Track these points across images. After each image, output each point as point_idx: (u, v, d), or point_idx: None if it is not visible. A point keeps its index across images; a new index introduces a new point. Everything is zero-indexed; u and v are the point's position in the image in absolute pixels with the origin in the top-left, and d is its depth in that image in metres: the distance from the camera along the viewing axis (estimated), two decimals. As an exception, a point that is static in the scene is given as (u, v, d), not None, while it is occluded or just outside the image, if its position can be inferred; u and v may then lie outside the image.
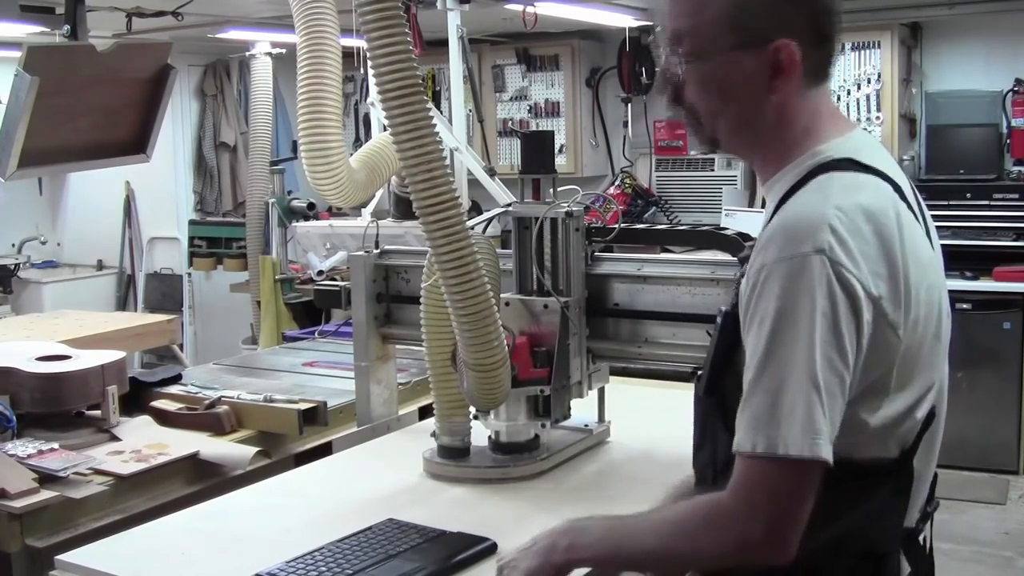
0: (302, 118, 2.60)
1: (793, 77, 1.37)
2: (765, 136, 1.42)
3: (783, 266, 1.27)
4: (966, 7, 5.41)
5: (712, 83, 1.41)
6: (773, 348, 1.27)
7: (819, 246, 1.25)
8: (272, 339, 4.94)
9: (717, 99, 1.41)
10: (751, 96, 1.38)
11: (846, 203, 1.30)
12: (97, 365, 2.56)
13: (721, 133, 1.45)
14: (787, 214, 1.33)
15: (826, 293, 1.25)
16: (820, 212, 1.28)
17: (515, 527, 1.88)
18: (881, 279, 1.28)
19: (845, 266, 1.25)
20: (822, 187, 1.33)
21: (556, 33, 6.32)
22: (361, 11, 1.77)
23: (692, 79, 1.42)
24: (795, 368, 1.25)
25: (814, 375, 1.25)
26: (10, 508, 2.07)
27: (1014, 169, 5.60)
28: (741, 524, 1.29)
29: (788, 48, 1.35)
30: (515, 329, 2.16)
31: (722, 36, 1.37)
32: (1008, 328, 5.24)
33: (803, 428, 1.24)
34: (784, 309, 1.26)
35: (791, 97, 1.39)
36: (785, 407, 1.25)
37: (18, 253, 7.00)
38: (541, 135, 2.31)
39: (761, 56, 1.36)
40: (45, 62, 2.88)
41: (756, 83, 1.37)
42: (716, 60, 1.38)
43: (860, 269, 1.26)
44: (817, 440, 1.24)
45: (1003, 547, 4.45)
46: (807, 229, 1.27)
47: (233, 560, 1.77)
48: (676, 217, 6.47)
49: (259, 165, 5.50)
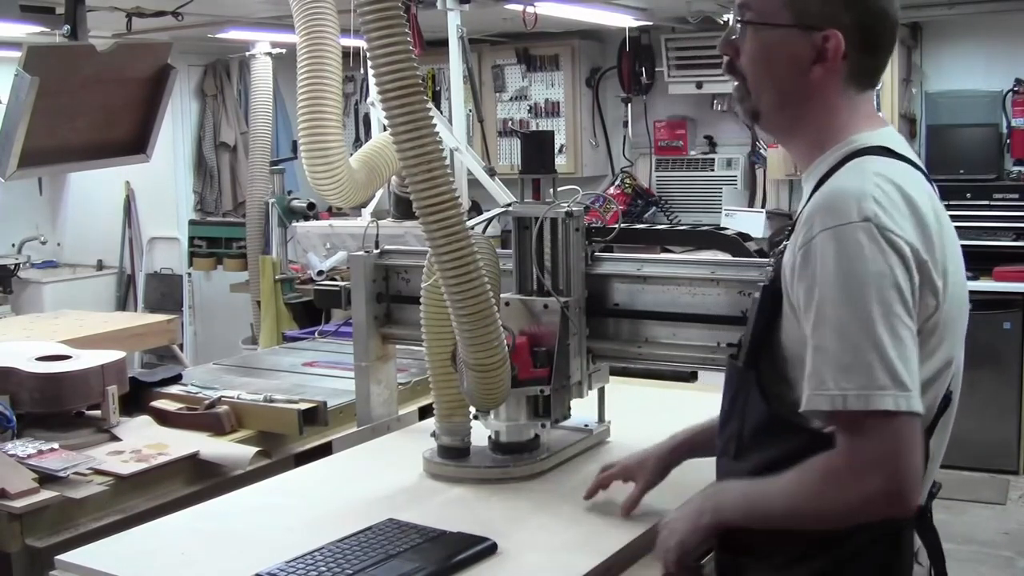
0: (302, 118, 2.60)
1: (834, 68, 1.48)
2: (804, 122, 1.53)
3: (834, 234, 1.35)
4: (966, 7, 5.41)
5: (762, 53, 1.52)
6: (840, 312, 1.34)
7: (865, 214, 1.35)
8: (272, 339, 4.94)
9: (764, 70, 1.52)
10: (792, 74, 1.50)
11: (882, 180, 1.40)
12: (97, 365, 2.56)
13: (764, 106, 1.55)
14: (827, 191, 1.42)
15: (880, 255, 1.34)
16: (859, 185, 1.39)
17: (515, 527, 1.88)
18: (924, 247, 1.38)
19: (892, 230, 1.35)
20: (858, 167, 1.44)
21: (556, 33, 6.32)
22: (361, 11, 1.77)
23: (747, 47, 1.53)
24: (865, 329, 1.32)
25: (884, 332, 1.32)
26: (10, 508, 2.07)
27: (1014, 169, 5.61)
28: (858, 481, 1.34)
29: (836, 38, 1.46)
30: (515, 329, 2.16)
31: (780, 12, 1.49)
32: (1008, 328, 5.25)
33: (878, 384, 1.31)
34: (843, 274, 1.34)
35: (831, 88, 1.50)
36: (862, 365, 1.32)
37: (18, 253, 7.01)
38: (541, 135, 2.30)
39: (810, 39, 1.47)
40: (45, 62, 2.88)
41: (799, 63, 1.49)
42: (770, 33, 1.50)
43: (906, 232, 1.36)
44: (909, 393, 1.32)
45: (1003, 547, 4.45)
46: (850, 201, 1.37)
47: (233, 560, 1.77)
48: (676, 217, 6.47)
49: (259, 165, 5.50)
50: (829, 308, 1.35)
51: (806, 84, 1.49)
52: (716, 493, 1.57)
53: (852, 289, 1.34)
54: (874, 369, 1.32)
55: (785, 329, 1.48)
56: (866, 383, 1.32)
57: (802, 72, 1.49)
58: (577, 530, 1.89)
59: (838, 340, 1.34)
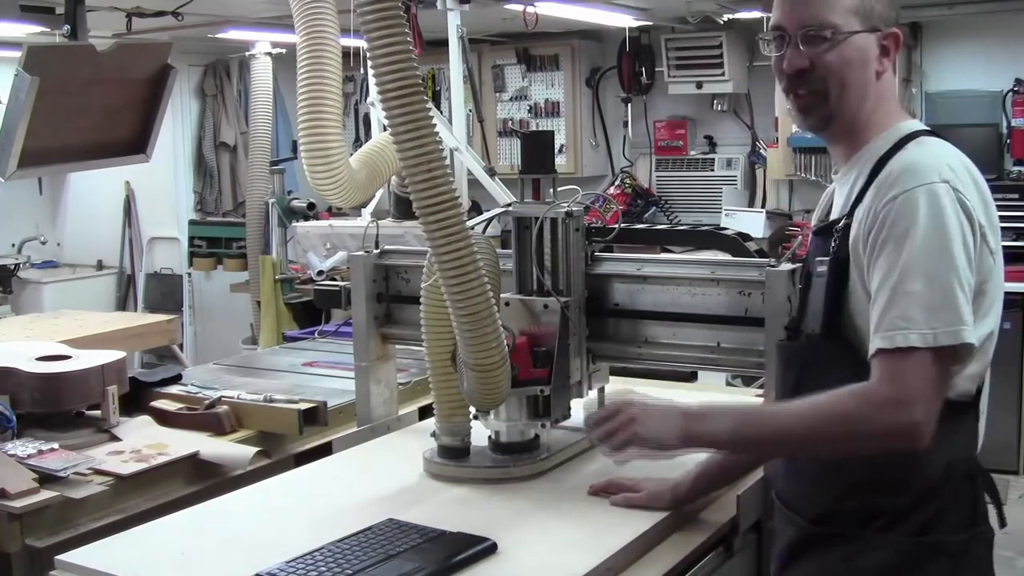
0: (302, 118, 2.60)
1: (893, 62, 1.68)
2: (865, 115, 1.68)
3: (918, 192, 1.52)
4: (966, 7, 5.41)
5: (846, 61, 1.65)
6: (922, 258, 1.49)
7: (944, 177, 1.53)
8: (272, 339, 4.94)
9: (847, 75, 1.65)
10: (868, 73, 1.66)
11: (949, 155, 1.59)
12: (97, 365, 2.56)
13: (846, 109, 1.67)
14: (905, 160, 1.58)
15: (955, 213, 1.51)
16: (934, 156, 1.58)
17: (515, 527, 1.88)
18: (984, 214, 1.56)
19: (963, 194, 1.53)
20: (925, 144, 1.62)
21: (556, 33, 6.32)
22: (361, 11, 1.77)
23: (829, 59, 1.64)
24: (943, 274, 1.49)
25: (958, 279, 1.49)
26: (10, 508, 2.07)
27: (1014, 169, 5.60)
28: (900, 410, 1.48)
29: (896, 35, 1.68)
30: (515, 329, 2.16)
31: (852, 21, 1.64)
32: (1008, 328, 5.24)
33: (962, 320, 1.49)
34: (927, 225, 1.50)
35: (890, 79, 1.70)
36: (949, 304, 1.49)
37: (18, 253, 7.01)
38: (541, 135, 2.31)
39: (876, 40, 1.66)
40: (45, 62, 2.88)
41: (873, 63, 1.66)
42: (849, 41, 1.64)
43: (972, 199, 1.54)
44: (967, 329, 1.50)
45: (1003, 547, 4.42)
46: (929, 167, 1.55)
47: (233, 560, 1.77)
48: (676, 217, 6.47)
49: (259, 165, 5.50)
50: (920, 255, 1.49)
51: (874, 79, 1.67)
52: (702, 411, 1.70)
53: (942, 240, 1.49)
54: (961, 309, 1.49)
55: (853, 300, 1.60)
56: (955, 320, 1.48)
57: (872, 70, 1.66)
58: (577, 530, 1.89)
59: (928, 284, 1.48)
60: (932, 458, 1.55)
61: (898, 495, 1.60)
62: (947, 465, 1.59)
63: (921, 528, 1.59)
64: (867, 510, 1.62)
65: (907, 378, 1.48)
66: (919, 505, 1.59)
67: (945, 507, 1.60)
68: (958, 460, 1.61)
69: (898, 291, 1.50)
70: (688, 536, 1.93)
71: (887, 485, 1.60)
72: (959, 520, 1.62)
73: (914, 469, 1.58)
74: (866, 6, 1.65)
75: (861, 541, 1.62)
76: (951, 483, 1.60)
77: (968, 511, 1.63)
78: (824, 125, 1.70)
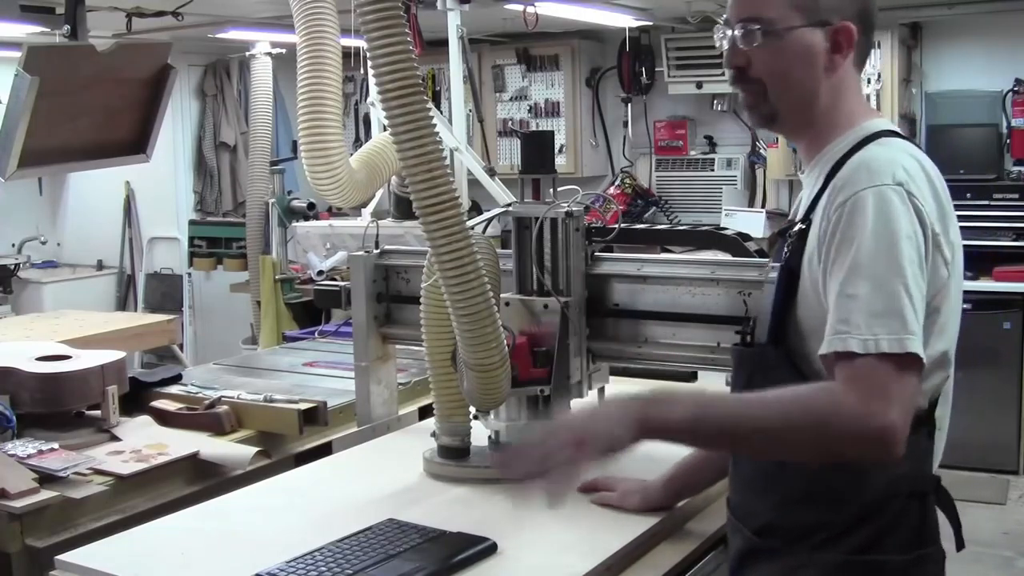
0: (302, 118, 2.60)
1: (847, 57, 1.58)
2: (822, 112, 1.60)
3: (867, 193, 1.44)
4: (966, 7, 5.42)
5: (780, 58, 1.57)
6: (873, 262, 1.41)
7: (897, 179, 1.45)
8: (272, 339, 4.94)
9: (785, 73, 1.58)
10: (809, 72, 1.57)
11: (907, 155, 1.51)
12: (97, 365, 2.56)
13: (785, 107, 1.60)
14: (860, 160, 1.50)
15: (907, 217, 1.43)
16: (891, 157, 1.49)
17: (515, 527, 1.88)
18: (938, 220, 1.47)
19: (917, 198, 1.45)
20: (883, 144, 1.54)
21: (556, 33, 6.32)
22: (361, 11, 1.77)
23: (765, 56, 1.58)
24: (892, 279, 1.40)
25: (908, 286, 1.40)
26: (10, 508, 2.07)
27: (1014, 169, 5.60)
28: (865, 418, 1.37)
29: (848, 29, 1.56)
30: (515, 329, 2.15)
31: (791, 15, 1.55)
32: (1008, 328, 5.25)
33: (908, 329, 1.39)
34: (880, 227, 1.42)
35: (846, 75, 1.59)
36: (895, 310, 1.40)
37: (18, 253, 7.01)
38: (541, 135, 2.30)
39: (821, 34, 1.56)
40: (45, 62, 2.88)
41: (814, 59, 1.57)
42: (787, 37, 1.56)
43: (927, 204, 1.46)
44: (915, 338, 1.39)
45: (1003, 547, 4.45)
46: (884, 167, 1.46)
47: (233, 560, 1.77)
48: (676, 217, 6.47)
49: (259, 165, 5.50)
50: (865, 259, 1.41)
51: (822, 77, 1.57)
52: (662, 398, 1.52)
53: (889, 243, 1.41)
54: (907, 316, 1.39)
55: (802, 305, 1.55)
56: (899, 328, 1.39)
57: (818, 67, 1.56)
58: (577, 530, 1.89)
59: (872, 288, 1.40)
60: (873, 473, 1.49)
61: (837, 511, 1.53)
62: (891, 481, 1.51)
63: (861, 546, 1.52)
64: (805, 524, 1.55)
65: (859, 383, 1.38)
66: (859, 522, 1.52)
67: (888, 526, 1.52)
68: (904, 477, 1.51)
69: (842, 295, 1.42)
70: (688, 536, 1.93)
71: (825, 499, 1.53)
72: (903, 540, 1.53)
73: (853, 484, 1.51)
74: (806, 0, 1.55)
75: (799, 557, 1.56)
76: (895, 501, 1.52)
77: (914, 531, 1.54)
78: (768, 123, 1.64)
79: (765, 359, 1.60)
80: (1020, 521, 4.76)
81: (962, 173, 5.58)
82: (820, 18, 1.55)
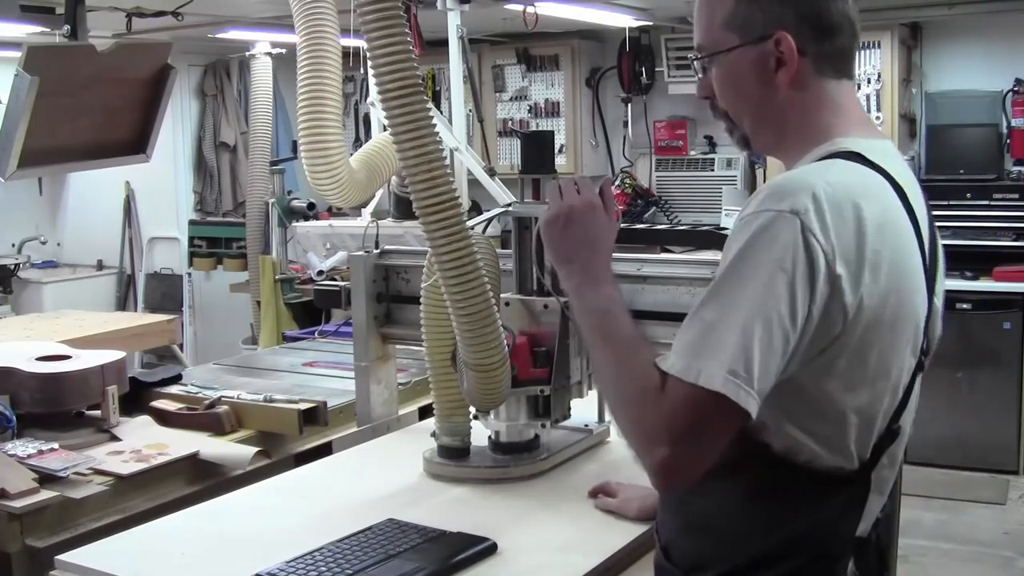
0: (302, 118, 2.60)
1: (797, 67, 1.43)
2: (788, 130, 1.47)
3: (758, 217, 1.30)
4: (966, 7, 5.41)
5: (727, 82, 1.48)
6: (723, 286, 1.30)
7: (795, 207, 1.28)
8: (272, 339, 4.94)
9: (734, 96, 1.49)
10: (761, 89, 1.45)
11: (836, 181, 1.32)
12: (97, 365, 2.56)
13: (748, 130, 1.51)
14: (779, 178, 1.36)
15: (790, 251, 1.26)
16: (809, 180, 1.32)
17: (515, 527, 1.88)
18: (846, 261, 1.28)
19: (815, 233, 1.27)
20: (821, 165, 1.38)
21: (556, 33, 6.32)
22: (361, 11, 1.77)
23: (715, 83, 1.49)
24: (738, 309, 1.27)
25: (754, 321, 1.26)
26: (10, 508, 2.07)
27: (1014, 169, 5.60)
28: (654, 427, 1.29)
29: (784, 39, 1.41)
30: (515, 329, 2.16)
31: (726, 36, 1.45)
32: (1008, 328, 5.24)
33: (726, 366, 1.25)
34: (745, 254, 1.29)
35: (803, 87, 1.44)
36: (713, 341, 1.27)
37: (18, 253, 7.01)
38: (541, 135, 2.31)
39: (763, 50, 1.43)
40: (45, 62, 2.87)
41: (762, 76, 1.44)
42: (726, 60, 1.46)
43: (829, 241, 1.27)
44: (737, 383, 1.25)
45: (1003, 547, 4.45)
46: (791, 190, 1.30)
47: (233, 560, 1.77)
48: (676, 217, 6.47)
49: (259, 165, 5.50)
50: (721, 282, 1.30)
51: (777, 93, 1.44)
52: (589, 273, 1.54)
53: (740, 274, 1.28)
54: (727, 354, 1.25)
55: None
56: (713, 366, 1.25)
57: (769, 84, 1.44)
58: (577, 530, 1.89)
59: (701, 309, 1.31)
60: (760, 526, 1.38)
61: (734, 549, 1.41)
62: (790, 538, 1.38)
63: None
64: (695, 557, 1.45)
65: (659, 405, 1.29)
66: (751, 570, 1.39)
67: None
68: (810, 535, 1.38)
69: (695, 315, 1.32)
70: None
71: (724, 533, 1.42)
72: None
73: (752, 525, 1.40)
74: (742, 16, 1.43)
75: None
76: (789, 560, 1.38)
77: None
78: (745, 147, 1.55)
79: None
80: (1020, 521, 4.76)
81: (962, 173, 5.58)
82: (757, 34, 1.42)
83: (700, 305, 1.32)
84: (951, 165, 5.65)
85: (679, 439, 1.28)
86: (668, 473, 1.30)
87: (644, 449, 1.32)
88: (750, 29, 1.43)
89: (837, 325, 1.30)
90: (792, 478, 1.36)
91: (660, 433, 1.29)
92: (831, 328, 1.30)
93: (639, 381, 1.35)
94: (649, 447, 1.30)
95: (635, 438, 1.34)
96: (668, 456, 1.28)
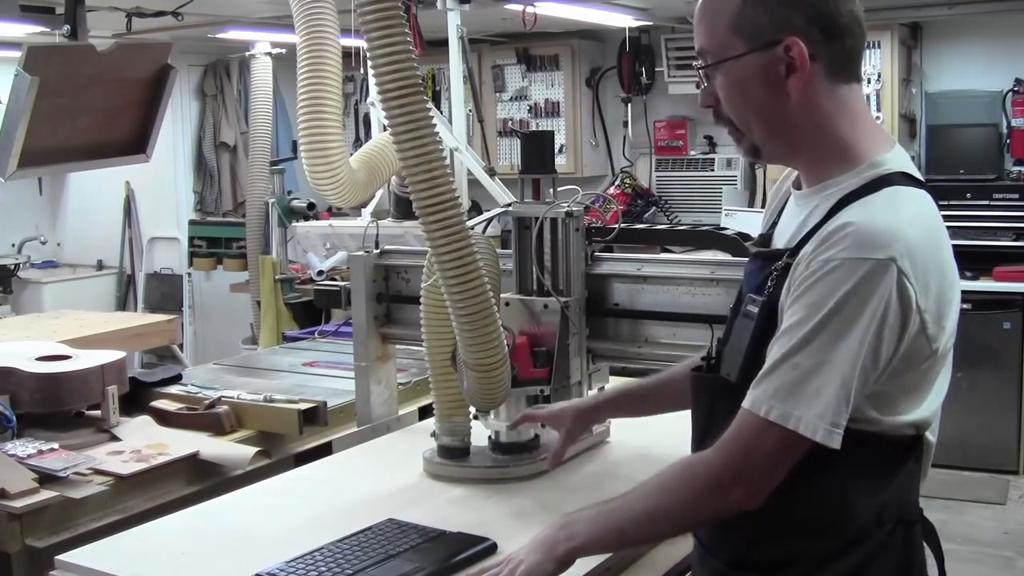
0: (302, 118, 2.60)
1: (809, 73, 1.40)
2: (801, 138, 1.45)
3: (855, 265, 1.32)
4: (966, 7, 5.41)
5: (734, 90, 1.45)
6: (821, 334, 1.33)
7: (892, 255, 1.31)
8: (272, 339, 4.94)
9: (743, 105, 1.45)
10: (772, 96, 1.42)
11: (914, 216, 1.37)
12: (97, 365, 2.56)
13: (758, 139, 1.48)
14: (861, 219, 1.35)
15: (885, 299, 1.31)
16: (896, 223, 1.34)
17: (515, 527, 1.88)
18: (930, 295, 1.35)
19: (908, 277, 1.32)
20: (892, 200, 1.38)
21: (556, 33, 6.32)
22: (361, 11, 1.77)
23: (721, 91, 1.46)
24: (836, 361, 1.32)
25: (850, 371, 1.32)
26: (10, 508, 2.07)
27: (1014, 169, 5.60)
28: (716, 469, 1.38)
29: (796, 44, 1.38)
30: (515, 329, 2.16)
31: (733, 43, 1.42)
32: (1008, 328, 5.24)
33: (821, 414, 1.32)
34: (845, 303, 1.32)
35: (816, 92, 1.42)
36: (811, 389, 1.33)
37: (18, 253, 7.00)
38: (541, 135, 2.31)
39: (773, 56, 1.40)
40: (45, 62, 2.87)
41: (774, 83, 1.41)
42: (733, 67, 1.43)
43: (919, 282, 1.33)
44: (833, 432, 1.32)
45: (1003, 547, 4.45)
46: (883, 236, 1.32)
47: (233, 560, 1.77)
48: (676, 217, 6.47)
49: (259, 165, 5.50)
50: (810, 325, 1.33)
51: (788, 101, 1.41)
52: (567, 523, 1.51)
53: (840, 323, 1.32)
54: (829, 406, 1.32)
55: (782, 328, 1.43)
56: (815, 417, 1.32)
57: (780, 91, 1.41)
58: (577, 530, 1.89)
59: (795, 355, 1.33)
60: (864, 500, 1.42)
61: (821, 539, 1.44)
62: (880, 508, 1.43)
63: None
64: (783, 556, 1.46)
65: (747, 448, 1.36)
66: (844, 552, 1.43)
67: (874, 554, 1.43)
68: (892, 503, 1.44)
69: (787, 359, 1.34)
70: (689, 536, 1.92)
71: (808, 530, 1.45)
72: (889, 569, 1.45)
73: (842, 511, 1.43)
74: (747, 21, 1.39)
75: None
76: (882, 528, 1.44)
77: (900, 559, 1.46)
78: (754, 156, 1.51)
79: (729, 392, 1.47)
80: (1020, 521, 4.76)
81: (962, 173, 5.58)
82: (765, 39, 1.39)
83: (792, 349, 1.34)
84: (951, 165, 5.65)
85: (754, 477, 1.37)
86: (749, 506, 1.37)
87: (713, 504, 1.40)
88: (758, 34, 1.39)
89: (924, 353, 1.38)
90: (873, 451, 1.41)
91: (724, 478, 1.37)
92: (919, 357, 1.38)
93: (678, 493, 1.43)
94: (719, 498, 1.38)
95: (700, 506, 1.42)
96: (743, 495, 1.37)
